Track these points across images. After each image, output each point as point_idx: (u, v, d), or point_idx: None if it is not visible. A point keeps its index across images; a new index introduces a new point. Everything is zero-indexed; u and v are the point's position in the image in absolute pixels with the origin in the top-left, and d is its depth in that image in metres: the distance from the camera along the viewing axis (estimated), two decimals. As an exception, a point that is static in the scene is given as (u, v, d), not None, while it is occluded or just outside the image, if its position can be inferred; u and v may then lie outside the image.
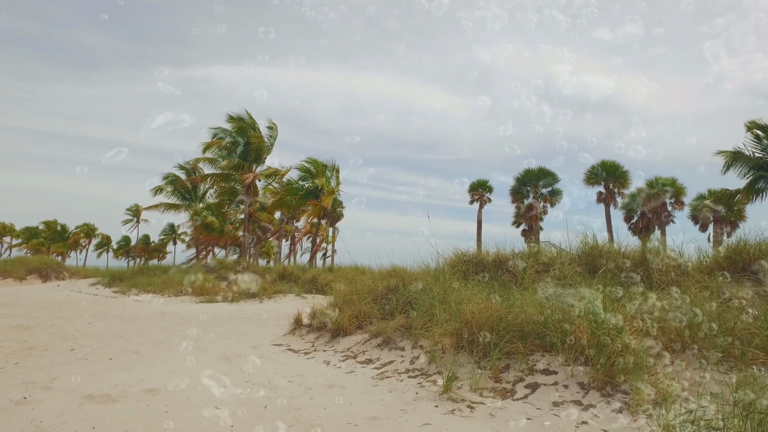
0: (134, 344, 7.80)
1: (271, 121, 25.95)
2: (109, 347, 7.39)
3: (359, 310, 8.10)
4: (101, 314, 11.83)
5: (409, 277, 8.87)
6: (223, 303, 14.96)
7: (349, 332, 7.77)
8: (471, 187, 31.34)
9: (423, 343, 6.47)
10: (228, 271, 20.53)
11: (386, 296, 8.91)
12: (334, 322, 7.86)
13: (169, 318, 11.55)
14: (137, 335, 8.77)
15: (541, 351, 5.30)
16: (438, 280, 7.76)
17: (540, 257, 8.89)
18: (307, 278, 17.28)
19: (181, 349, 7.54)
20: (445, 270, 8.69)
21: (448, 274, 7.83)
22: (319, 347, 7.72)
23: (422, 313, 6.93)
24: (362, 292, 8.92)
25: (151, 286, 18.83)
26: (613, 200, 25.16)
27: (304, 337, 8.52)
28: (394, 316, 7.91)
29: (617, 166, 25.55)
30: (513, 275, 8.58)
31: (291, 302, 14.93)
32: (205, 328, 10.04)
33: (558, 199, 27.28)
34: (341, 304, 8.84)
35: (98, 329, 9.23)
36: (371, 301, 8.48)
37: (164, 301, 15.94)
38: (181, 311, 12.98)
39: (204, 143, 24.90)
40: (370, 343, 7.11)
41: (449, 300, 6.92)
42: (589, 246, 8.57)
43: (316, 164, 25.30)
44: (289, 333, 8.99)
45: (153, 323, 10.59)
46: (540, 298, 6.41)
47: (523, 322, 5.54)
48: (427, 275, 8.75)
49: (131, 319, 11.09)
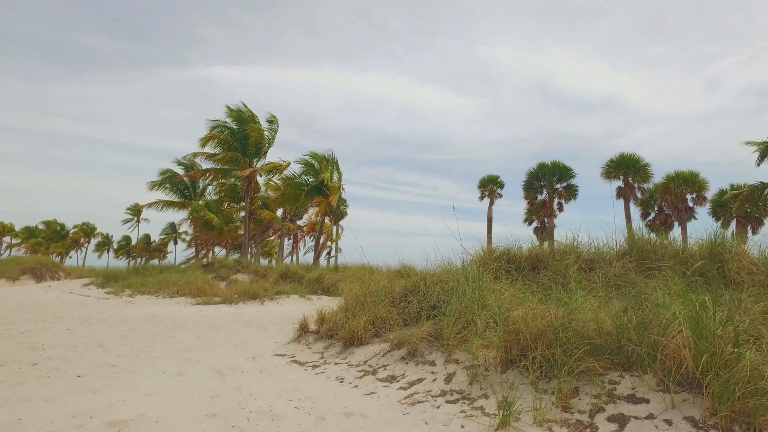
0: (113, 355, 6.67)
1: (271, 114, 24.79)
2: (82, 360, 6.26)
3: (376, 315, 6.96)
4: (85, 318, 10.71)
5: (431, 277, 7.72)
6: (222, 305, 13.83)
7: (364, 341, 6.63)
8: (481, 182, 30.05)
9: (458, 356, 5.32)
10: (227, 271, 19.39)
11: (405, 298, 7.77)
12: (347, 329, 6.71)
13: (160, 322, 10.43)
14: (120, 343, 7.64)
15: (619, 370, 4.14)
16: (470, 280, 6.60)
17: (581, 253, 7.74)
18: (312, 278, 16.13)
19: (168, 362, 6.41)
20: (474, 268, 7.54)
21: (482, 273, 6.66)
22: (329, 359, 6.58)
23: (454, 319, 5.78)
24: (378, 294, 7.78)
25: (145, 286, 17.70)
26: (633, 195, 23.85)
27: (312, 346, 7.38)
28: (418, 322, 6.77)
29: (637, 159, 24.15)
30: (553, 274, 7.44)
31: (294, 304, 13.79)
32: (199, 335, 8.91)
33: (574, 194, 25.95)
34: (353, 307, 7.70)
35: (76, 337, 8.11)
36: (389, 304, 7.33)
37: (158, 303, 14.81)
38: (175, 314, 11.86)
39: (202, 138, 23.76)
40: (392, 356, 5.96)
41: (489, 304, 5.77)
42: (642, 240, 7.41)
43: (318, 158, 24.08)
44: (293, 341, 7.85)
45: (141, 328, 9.47)
46: (598, 302, 5.26)
47: (592, 333, 4.38)
48: (453, 274, 7.61)
49: (118, 324, 9.97)
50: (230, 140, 23.61)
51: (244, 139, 23.63)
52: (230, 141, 23.60)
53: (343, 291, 14.87)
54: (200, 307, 13.64)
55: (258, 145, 23.44)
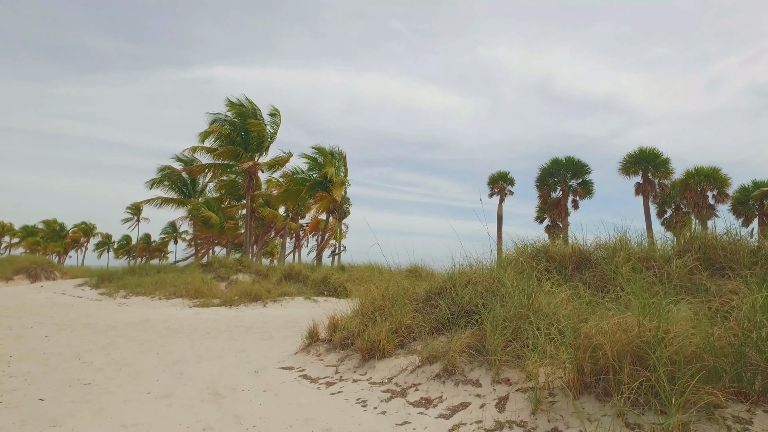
0: (91, 370, 5.67)
1: (273, 107, 23.72)
2: (51, 377, 5.25)
3: (399, 322, 5.95)
4: (69, 323, 9.71)
5: (460, 278, 6.71)
6: (221, 307, 12.82)
7: (387, 353, 5.61)
8: (491, 179, 28.95)
9: (510, 374, 4.31)
10: (228, 271, 18.39)
11: (429, 302, 6.77)
12: (367, 339, 5.70)
13: (152, 327, 9.43)
14: (102, 354, 6.63)
15: (746, 403, 3.13)
16: (511, 282, 5.59)
17: (633, 250, 6.72)
18: (317, 278, 15.11)
19: (155, 378, 5.41)
20: (512, 268, 6.53)
21: (531, 273, 5.64)
22: (345, 374, 5.56)
23: (499, 328, 4.77)
24: (399, 297, 6.78)
25: (141, 287, 16.69)
26: (653, 191, 22.76)
27: (323, 357, 6.37)
28: (448, 330, 5.77)
29: (657, 154, 22.96)
30: (601, 274, 6.43)
31: (300, 307, 12.78)
32: (195, 342, 7.91)
33: (589, 191, 24.79)
34: (371, 312, 6.69)
35: (53, 346, 7.11)
36: (413, 309, 6.32)
37: (153, 305, 13.81)
38: (169, 318, 10.86)
39: (201, 132, 22.73)
40: (423, 372, 4.94)
41: (544, 310, 4.76)
42: (706, 236, 6.38)
43: (323, 152, 23.02)
44: (302, 350, 6.84)
45: (130, 335, 8.47)
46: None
47: (700, 351, 3.36)
48: (486, 275, 6.60)
49: (104, 330, 8.97)
50: (231, 134, 22.58)
51: (245, 134, 22.60)
52: (231, 135, 22.57)
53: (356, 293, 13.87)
54: (198, 309, 12.64)
55: (260, 139, 22.40)
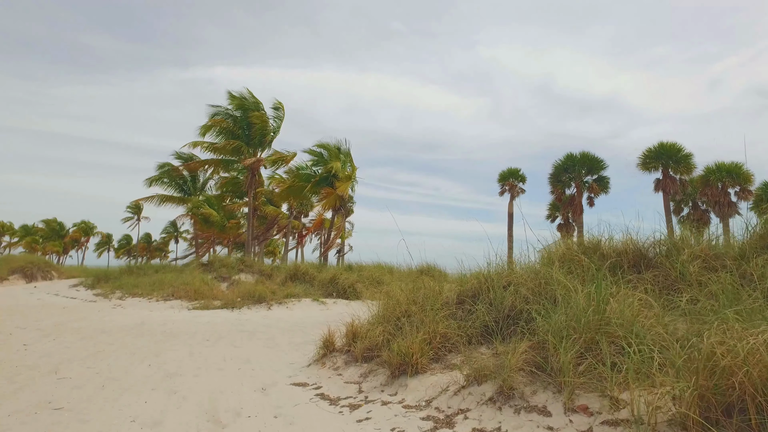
0: (67, 388, 4.77)
1: (277, 101, 22.77)
2: (13, 399, 4.35)
3: (433, 331, 5.04)
4: (56, 328, 8.81)
5: (499, 278, 5.80)
6: (222, 310, 11.92)
7: (421, 368, 4.70)
8: (501, 176, 27.96)
9: (587, 401, 3.39)
10: (229, 271, 17.49)
11: (462, 305, 5.86)
12: (396, 351, 4.79)
13: (147, 332, 8.54)
14: (85, 366, 5.74)
15: None
16: (572, 282, 4.67)
17: (700, 246, 5.80)
18: (325, 279, 14.20)
19: (144, 398, 4.51)
20: (559, 267, 5.62)
21: (602, 273, 4.74)
22: (371, 394, 4.66)
23: (569, 341, 3.86)
24: (429, 301, 5.87)
25: (138, 287, 15.82)
26: (674, 187, 21.79)
27: (342, 371, 5.46)
28: (491, 340, 4.86)
29: (679, 148, 21.88)
30: (664, 273, 5.52)
31: (307, 309, 11.87)
32: (193, 350, 7.01)
33: (605, 188, 23.77)
34: (395, 318, 5.78)
35: (30, 356, 6.21)
36: (447, 315, 5.41)
37: (150, 307, 12.92)
38: (167, 321, 9.96)
39: (202, 126, 21.79)
40: (470, 394, 4.03)
41: (618, 319, 3.84)
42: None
43: (328, 148, 22.04)
44: (316, 362, 5.94)
45: (122, 341, 7.58)
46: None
47: None
48: (530, 274, 5.69)
49: (93, 335, 8.07)
50: (233, 128, 21.64)
51: (247, 128, 21.66)
52: (233, 129, 21.63)
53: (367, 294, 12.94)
54: (197, 312, 11.74)
55: (262, 133, 21.46)
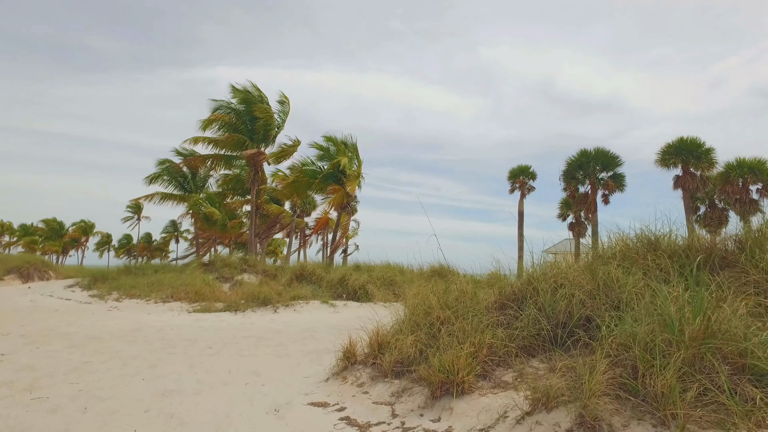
0: (42, 412, 3.97)
1: (283, 94, 21.93)
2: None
3: (480, 342, 4.23)
4: (42, 333, 8.02)
5: (545, 279, 5.01)
6: (225, 312, 11.12)
7: (468, 387, 3.90)
8: (511, 173, 27.08)
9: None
10: (232, 271, 16.67)
11: (503, 311, 5.07)
12: (438, 367, 3.99)
13: (143, 339, 7.74)
14: (67, 381, 4.94)
15: None
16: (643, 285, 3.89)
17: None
18: (334, 279, 13.39)
19: (134, 426, 3.71)
20: (617, 266, 4.83)
21: (703, 273, 3.94)
22: (409, 418, 3.85)
23: (657, 355, 3.06)
24: (462, 304, 5.07)
25: (135, 288, 14.99)
26: (695, 184, 20.93)
27: (368, 387, 4.65)
28: (542, 352, 4.07)
29: (699, 144, 20.86)
30: (742, 274, 4.72)
31: (316, 312, 11.07)
32: (193, 361, 6.21)
33: (621, 185, 22.85)
34: (428, 324, 4.97)
35: (4, 369, 5.41)
36: (493, 323, 4.61)
37: (148, 309, 12.13)
38: (165, 326, 9.17)
39: (203, 120, 20.94)
40: (539, 424, 3.23)
41: (733, 327, 3.04)
42: None
43: (334, 142, 21.20)
44: (335, 376, 5.14)
45: (115, 349, 6.79)
46: None
47: None
48: (581, 274, 4.89)
49: (84, 342, 7.28)
50: (235, 122, 20.80)
51: (251, 122, 20.82)
52: (235, 123, 20.79)
53: (379, 296, 12.12)
54: (198, 315, 10.94)
55: (267, 127, 20.62)
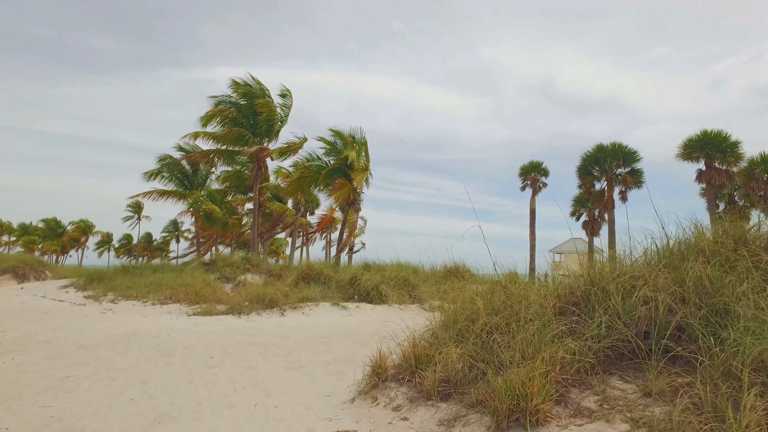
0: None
1: (285, 87, 21.06)
2: None
3: (552, 357, 3.36)
4: (22, 340, 7.16)
5: (614, 279, 4.14)
6: (227, 316, 10.25)
7: (543, 417, 3.02)
8: (522, 170, 26.16)
9: None
10: (234, 271, 15.80)
11: (562, 316, 4.20)
12: (506, 390, 3.11)
13: (136, 346, 6.88)
14: (37, 404, 4.07)
15: None
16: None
17: None
18: (343, 280, 12.51)
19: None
20: (702, 262, 3.95)
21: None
22: (470, 459, 2.97)
23: None
24: (515, 309, 4.20)
25: (132, 289, 14.13)
26: (720, 179, 19.93)
27: (407, 412, 3.77)
28: (648, 371, 3.19)
29: (725, 137, 19.81)
30: None
31: (327, 315, 10.19)
32: (192, 374, 5.34)
33: (639, 181, 21.81)
34: (477, 334, 4.10)
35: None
36: (558, 333, 3.73)
37: (144, 312, 11.26)
38: (162, 331, 8.31)
39: (203, 116, 20.11)
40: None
41: None
42: None
43: (342, 136, 20.34)
44: (363, 395, 4.26)
45: (103, 359, 5.93)
46: None
47: None
48: (659, 273, 4.01)
49: (66, 352, 6.41)
50: (237, 117, 19.95)
51: (252, 116, 19.98)
52: (237, 118, 19.94)
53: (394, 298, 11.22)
54: (198, 318, 10.07)
55: (269, 122, 19.79)
